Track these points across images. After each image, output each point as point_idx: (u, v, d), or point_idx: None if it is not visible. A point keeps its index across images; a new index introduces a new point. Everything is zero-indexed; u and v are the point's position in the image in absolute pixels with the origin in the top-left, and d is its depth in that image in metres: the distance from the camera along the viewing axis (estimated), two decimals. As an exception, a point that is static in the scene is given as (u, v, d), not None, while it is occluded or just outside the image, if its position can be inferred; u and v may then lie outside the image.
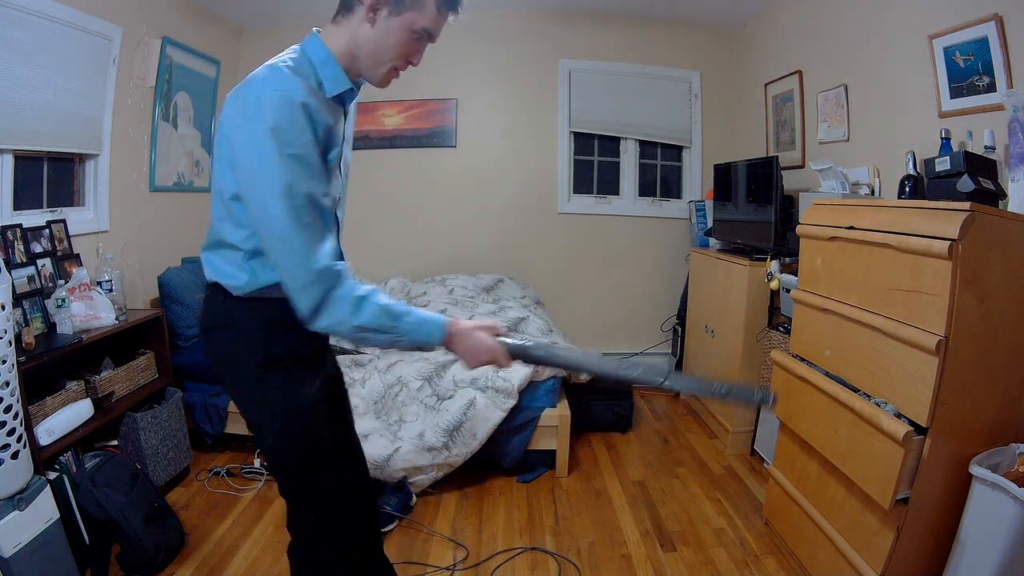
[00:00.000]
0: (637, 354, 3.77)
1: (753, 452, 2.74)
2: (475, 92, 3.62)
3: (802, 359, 1.91)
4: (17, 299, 1.86)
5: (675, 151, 3.79)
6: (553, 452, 2.51)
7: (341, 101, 1.10)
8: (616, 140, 3.73)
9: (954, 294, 1.30)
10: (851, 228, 1.65)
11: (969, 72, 1.84)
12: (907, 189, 1.89)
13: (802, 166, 2.87)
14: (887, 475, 1.42)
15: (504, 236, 3.70)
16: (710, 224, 3.28)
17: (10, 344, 1.52)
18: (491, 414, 2.32)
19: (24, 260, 1.99)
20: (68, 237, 2.23)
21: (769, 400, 1.09)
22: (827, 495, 1.76)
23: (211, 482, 2.38)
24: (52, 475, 1.75)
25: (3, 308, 1.50)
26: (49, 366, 1.90)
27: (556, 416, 2.46)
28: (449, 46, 3.54)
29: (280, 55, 1.03)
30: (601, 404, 2.97)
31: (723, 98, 3.67)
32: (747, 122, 3.51)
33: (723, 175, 3.10)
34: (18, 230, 1.99)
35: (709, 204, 3.34)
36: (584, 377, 2.81)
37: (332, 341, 3.20)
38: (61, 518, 1.66)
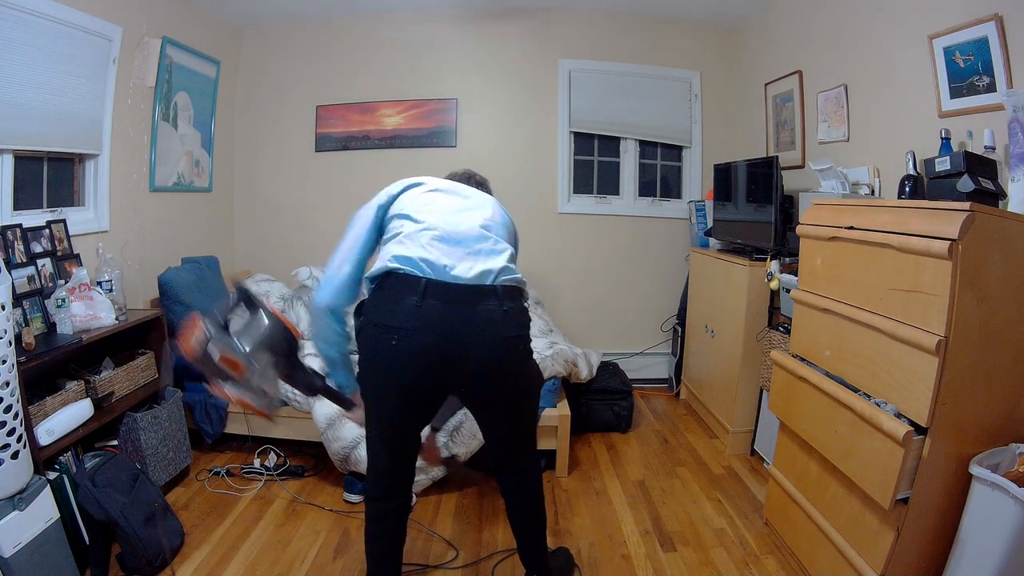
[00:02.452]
0: (637, 354, 3.77)
1: (753, 452, 2.74)
2: (475, 92, 3.61)
3: (802, 359, 1.91)
4: (17, 299, 1.86)
5: (675, 151, 3.79)
6: (553, 452, 2.51)
7: None
8: (616, 140, 3.73)
9: (954, 294, 1.30)
10: (851, 228, 1.65)
11: (969, 72, 1.84)
12: (907, 189, 1.89)
13: (802, 166, 2.87)
14: (887, 475, 1.42)
15: (504, 236, 3.69)
16: (710, 224, 3.28)
17: (10, 344, 1.52)
18: (491, 414, 2.31)
19: (24, 260, 1.99)
20: (68, 237, 2.23)
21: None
22: (827, 495, 1.76)
23: (211, 482, 2.38)
24: (52, 475, 1.75)
25: (3, 308, 1.49)
26: (49, 366, 1.91)
27: (556, 416, 2.46)
28: (449, 46, 3.59)
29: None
30: (601, 404, 2.97)
31: (723, 98, 3.67)
32: (747, 122, 3.50)
33: (723, 175, 3.10)
34: (18, 230, 1.99)
35: (709, 204, 3.34)
36: (584, 376, 2.81)
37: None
38: (61, 518, 1.66)
